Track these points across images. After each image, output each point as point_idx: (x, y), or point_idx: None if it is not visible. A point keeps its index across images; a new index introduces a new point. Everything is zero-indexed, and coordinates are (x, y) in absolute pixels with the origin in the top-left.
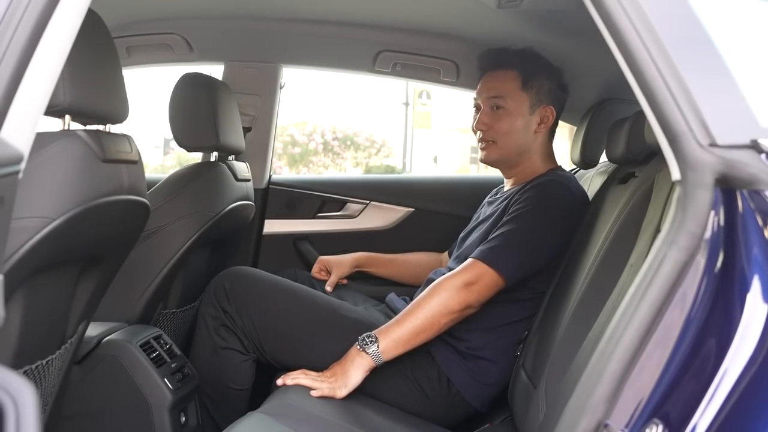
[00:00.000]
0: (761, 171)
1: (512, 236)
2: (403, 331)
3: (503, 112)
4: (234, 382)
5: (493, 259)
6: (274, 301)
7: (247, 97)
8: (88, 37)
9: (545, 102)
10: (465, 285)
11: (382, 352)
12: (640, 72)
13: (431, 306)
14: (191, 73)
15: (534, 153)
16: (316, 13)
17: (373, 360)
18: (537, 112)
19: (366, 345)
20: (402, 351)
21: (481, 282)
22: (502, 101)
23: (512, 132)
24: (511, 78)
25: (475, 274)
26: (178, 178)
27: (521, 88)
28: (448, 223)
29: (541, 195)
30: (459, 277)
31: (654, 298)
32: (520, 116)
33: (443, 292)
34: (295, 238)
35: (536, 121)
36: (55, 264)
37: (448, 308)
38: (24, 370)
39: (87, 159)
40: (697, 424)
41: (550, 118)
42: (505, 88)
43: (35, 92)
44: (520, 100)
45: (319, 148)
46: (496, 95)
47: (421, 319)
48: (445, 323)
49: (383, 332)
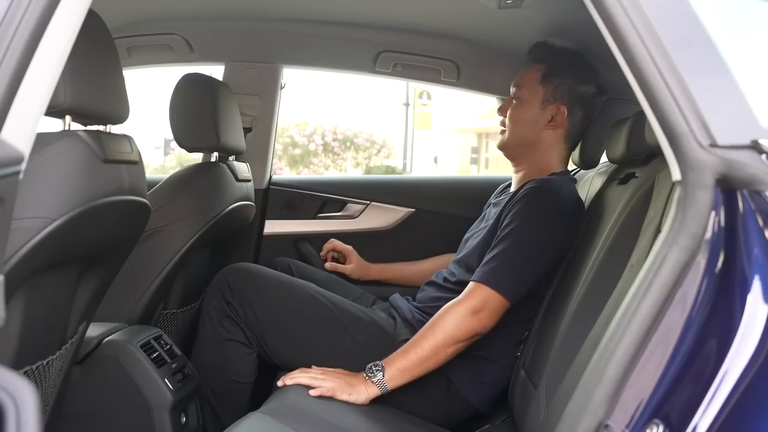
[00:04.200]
0: (762, 171)
1: (509, 254)
2: (408, 362)
3: (518, 102)
4: (237, 375)
5: (496, 280)
6: (277, 296)
7: (247, 97)
8: (89, 38)
9: (560, 101)
10: (472, 312)
11: (387, 380)
12: (641, 72)
13: (437, 336)
14: (192, 74)
15: (541, 151)
16: (316, 13)
17: (378, 389)
18: (549, 109)
19: (372, 374)
20: (408, 379)
21: (487, 308)
22: (519, 91)
23: (519, 122)
24: (535, 70)
25: (480, 299)
26: (178, 178)
27: (539, 81)
28: (448, 223)
29: (530, 206)
30: (465, 304)
31: (654, 299)
32: (531, 108)
33: (449, 321)
34: (295, 238)
35: (546, 119)
36: (55, 264)
37: (455, 338)
38: (24, 370)
39: (87, 159)
40: (698, 425)
41: (561, 118)
42: (526, 79)
43: (36, 93)
44: (534, 93)
45: (319, 149)
46: (516, 84)
47: (427, 349)
48: (452, 352)
49: (389, 361)
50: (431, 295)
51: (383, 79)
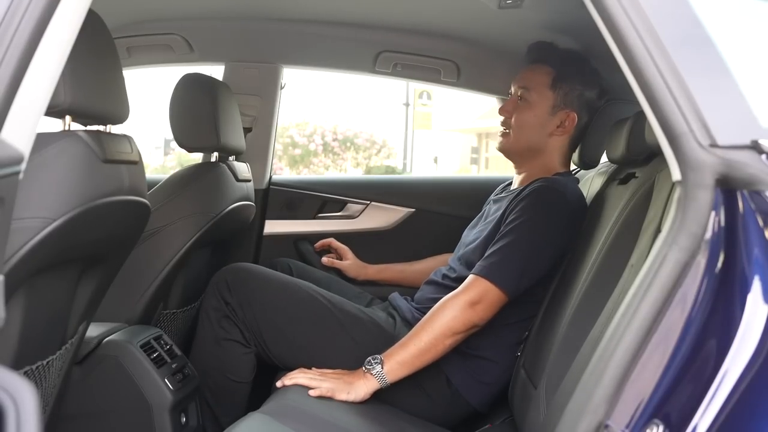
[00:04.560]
0: (762, 171)
1: (511, 249)
2: (407, 354)
3: (525, 104)
4: (235, 375)
5: (495, 274)
6: (275, 296)
7: (247, 97)
8: (89, 38)
9: (570, 107)
10: (469, 304)
11: (386, 374)
12: (641, 72)
13: (435, 328)
14: (192, 74)
15: (548, 155)
16: (316, 13)
17: (378, 382)
18: (558, 114)
19: (371, 367)
20: (407, 372)
21: (485, 300)
22: (527, 93)
23: (526, 127)
24: (544, 73)
25: (479, 292)
26: (178, 178)
27: (549, 86)
28: (448, 223)
29: (536, 204)
30: (462, 296)
31: (654, 299)
32: (539, 114)
33: (447, 313)
34: (295, 238)
35: (555, 124)
36: (55, 264)
37: (453, 329)
38: (24, 370)
39: (87, 159)
40: (698, 425)
41: (570, 125)
42: (534, 82)
43: (36, 93)
44: (544, 98)
45: (319, 149)
46: (524, 86)
47: (425, 341)
48: (450, 344)
49: (388, 354)
50: (430, 294)
51: (383, 79)
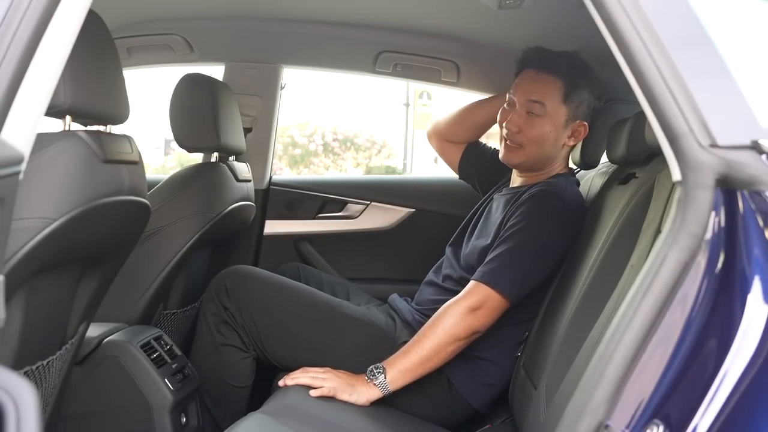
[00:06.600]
0: (762, 172)
1: (511, 255)
2: (409, 362)
3: (538, 120)
4: (234, 380)
5: (496, 280)
6: (275, 300)
7: (247, 97)
8: (89, 38)
9: (581, 117)
10: (470, 311)
11: (389, 383)
12: (641, 72)
13: (437, 335)
14: (192, 74)
15: (555, 162)
16: (316, 13)
17: (380, 391)
18: (571, 126)
19: (374, 376)
20: (410, 380)
21: (486, 306)
22: (540, 108)
23: (542, 142)
24: (555, 87)
25: (480, 298)
26: (178, 178)
27: (562, 101)
28: (448, 223)
29: (535, 208)
30: (463, 302)
31: (655, 299)
32: (554, 128)
33: (449, 319)
34: (295, 238)
35: (567, 135)
36: (55, 265)
37: (454, 336)
38: (24, 370)
39: (88, 160)
40: (698, 425)
41: (582, 134)
42: (547, 97)
43: (36, 93)
44: (559, 113)
45: (320, 149)
46: (536, 100)
47: (428, 348)
48: (452, 351)
49: (390, 363)
50: (430, 296)
51: (383, 79)
